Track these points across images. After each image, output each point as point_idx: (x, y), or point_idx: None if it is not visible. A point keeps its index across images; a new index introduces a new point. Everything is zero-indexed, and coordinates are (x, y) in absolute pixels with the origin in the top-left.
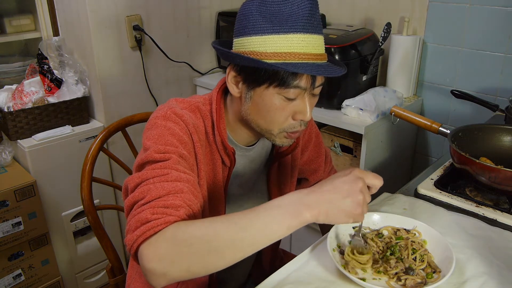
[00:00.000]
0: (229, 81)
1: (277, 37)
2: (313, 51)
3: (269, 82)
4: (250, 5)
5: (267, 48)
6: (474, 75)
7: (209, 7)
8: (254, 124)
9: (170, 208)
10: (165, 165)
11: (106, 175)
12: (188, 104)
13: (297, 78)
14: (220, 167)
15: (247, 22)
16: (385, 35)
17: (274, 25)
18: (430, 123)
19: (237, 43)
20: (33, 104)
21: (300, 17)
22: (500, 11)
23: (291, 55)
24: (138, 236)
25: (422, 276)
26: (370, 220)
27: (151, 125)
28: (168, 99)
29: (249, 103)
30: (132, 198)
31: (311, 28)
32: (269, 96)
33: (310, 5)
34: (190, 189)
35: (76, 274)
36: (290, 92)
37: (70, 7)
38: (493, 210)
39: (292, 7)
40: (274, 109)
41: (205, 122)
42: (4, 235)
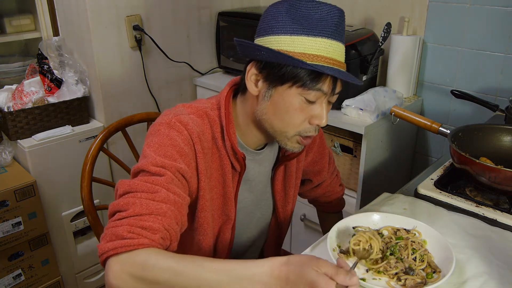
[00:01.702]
0: (249, 79)
1: (305, 39)
2: (338, 58)
3: (293, 81)
4: (279, 6)
5: (295, 48)
6: (474, 75)
7: (209, 7)
8: (268, 124)
9: (147, 230)
10: (157, 181)
11: (106, 175)
12: (195, 109)
13: (320, 81)
14: (230, 172)
15: (276, 22)
16: (385, 35)
17: (304, 27)
18: (430, 123)
19: (261, 42)
20: (33, 104)
21: (329, 23)
22: (500, 11)
23: (318, 58)
24: (110, 249)
25: (422, 276)
26: (370, 220)
27: (154, 131)
28: (168, 99)
29: (267, 102)
30: (117, 206)
31: (338, 35)
32: (291, 96)
33: (339, 14)
34: (174, 213)
35: (76, 274)
36: (311, 95)
37: (70, 7)
38: (493, 210)
39: (322, 13)
40: (293, 110)
41: (213, 128)
42: (4, 235)
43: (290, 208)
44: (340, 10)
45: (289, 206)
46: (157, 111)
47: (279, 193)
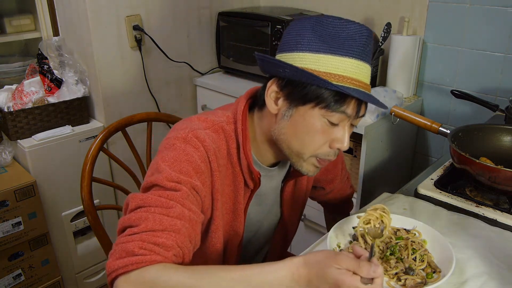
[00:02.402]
0: (268, 96)
1: (332, 58)
2: (364, 80)
3: (316, 102)
4: (305, 23)
5: (320, 67)
6: (474, 75)
7: (209, 7)
8: (286, 145)
9: (160, 247)
10: (172, 196)
11: (106, 175)
12: (211, 123)
13: (345, 103)
14: (242, 189)
15: (301, 38)
16: (385, 35)
17: (331, 46)
18: (430, 123)
19: (284, 58)
20: (33, 104)
21: (357, 43)
22: (500, 11)
23: (344, 79)
24: (120, 267)
25: (422, 276)
26: None
27: (169, 144)
28: (168, 99)
29: (286, 121)
30: (128, 221)
31: (365, 56)
32: (313, 117)
33: (367, 33)
34: (188, 231)
35: (76, 274)
36: (335, 117)
37: (70, 7)
38: (493, 210)
39: (349, 32)
40: (314, 132)
41: (229, 143)
42: (4, 235)
43: (298, 218)
44: (369, 30)
45: (297, 216)
46: (157, 111)
47: (287, 204)
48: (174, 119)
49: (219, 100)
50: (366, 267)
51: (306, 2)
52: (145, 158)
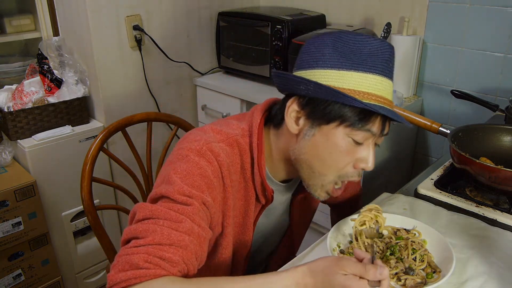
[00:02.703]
0: (288, 115)
1: (356, 75)
2: (388, 96)
3: (340, 120)
4: (324, 38)
5: (343, 84)
6: (474, 75)
7: (209, 7)
8: (306, 165)
9: (166, 262)
10: (183, 211)
11: (106, 175)
12: (225, 136)
13: (370, 121)
14: (253, 204)
15: (321, 55)
16: (385, 35)
17: (353, 62)
18: (430, 123)
19: (305, 75)
20: (33, 104)
21: (380, 59)
22: (500, 11)
23: (369, 96)
24: (122, 281)
25: (422, 276)
26: None
27: (182, 156)
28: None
29: (308, 141)
30: (134, 231)
31: (388, 72)
32: (337, 136)
33: (390, 49)
34: (195, 248)
35: (76, 274)
36: (360, 135)
37: (70, 7)
38: (493, 210)
39: (371, 48)
40: (338, 152)
41: (243, 157)
42: (4, 235)
43: (306, 227)
44: (391, 46)
45: (305, 225)
46: (157, 111)
47: (296, 215)
48: (174, 119)
49: (219, 100)
50: (372, 270)
51: (306, 2)
52: (145, 158)
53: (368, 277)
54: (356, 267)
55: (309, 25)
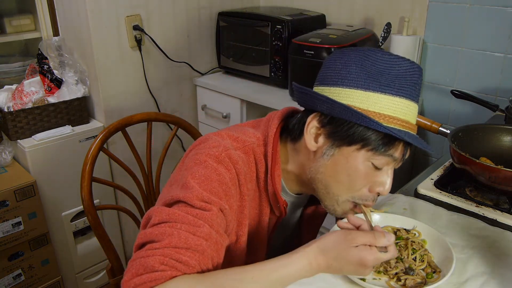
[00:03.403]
0: (308, 132)
1: (382, 97)
2: (412, 121)
3: (362, 144)
4: (351, 55)
5: (369, 106)
6: (474, 75)
7: (209, 7)
8: (322, 185)
9: (183, 265)
10: (201, 216)
11: (106, 175)
12: (242, 143)
13: (393, 147)
14: (268, 215)
15: (347, 72)
16: (385, 35)
17: (381, 84)
18: (430, 123)
19: (329, 92)
20: (33, 104)
21: (408, 81)
22: (500, 11)
23: (394, 120)
24: (137, 285)
25: (422, 276)
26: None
27: (200, 161)
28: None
29: (326, 161)
30: (150, 235)
31: (415, 96)
32: (357, 159)
33: (419, 72)
34: (212, 253)
35: (76, 274)
36: (381, 161)
37: (70, 7)
38: (493, 210)
39: (400, 70)
40: (356, 175)
41: (258, 166)
42: (4, 235)
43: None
44: (420, 68)
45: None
46: (157, 111)
47: (307, 226)
48: (174, 119)
49: (219, 100)
50: (381, 238)
51: (306, 2)
52: (145, 158)
53: (378, 244)
54: (365, 237)
55: (309, 25)
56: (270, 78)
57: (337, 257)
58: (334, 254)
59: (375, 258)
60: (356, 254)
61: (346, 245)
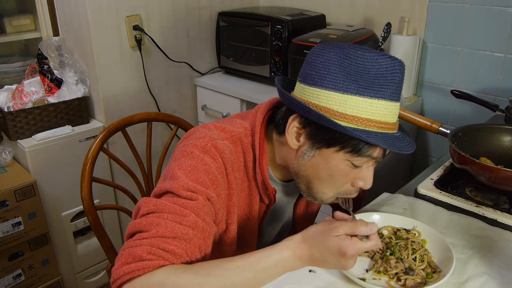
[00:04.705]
0: (289, 132)
1: (360, 100)
2: (392, 120)
3: (341, 146)
4: (332, 54)
5: (347, 110)
6: (474, 75)
7: (209, 7)
8: (306, 181)
9: (169, 254)
10: (187, 205)
11: (106, 175)
12: (229, 134)
13: (371, 148)
14: (257, 203)
15: (326, 72)
16: (385, 35)
17: (360, 86)
18: (430, 123)
19: (308, 92)
20: (33, 104)
21: (388, 81)
22: (500, 11)
23: (373, 123)
24: (125, 273)
25: (422, 276)
26: (370, 220)
27: (186, 152)
28: (168, 99)
29: (307, 161)
30: (138, 225)
31: (395, 95)
32: (336, 160)
33: (400, 69)
34: (199, 241)
35: (76, 274)
36: (360, 161)
37: (70, 7)
38: (493, 210)
39: (380, 69)
40: (338, 174)
41: (246, 156)
42: (4, 235)
43: None
44: (401, 64)
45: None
46: (157, 111)
47: (300, 217)
48: (174, 119)
49: (219, 100)
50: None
51: (306, 2)
52: (145, 158)
53: (360, 232)
54: (347, 226)
55: (309, 25)
56: (270, 78)
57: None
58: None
59: (355, 247)
60: (336, 243)
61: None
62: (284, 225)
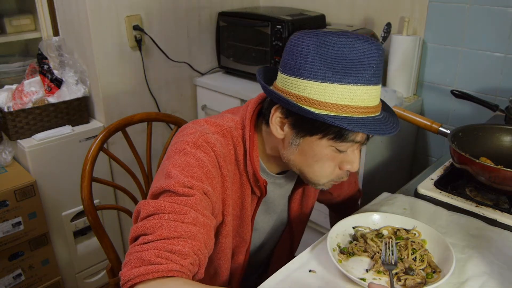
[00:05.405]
0: (273, 122)
1: (339, 87)
2: (373, 104)
3: (323, 133)
4: (308, 43)
5: (326, 98)
6: (474, 75)
7: (209, 7)
8: (297, 169)
9: (177, 255)
10: (186, 202)
11: (106, 175)
12: (220, 128)
13: (354, 133)
14: (249, 196)
15: (304, 62)
16: (385, 35)
17: (337, 73)
18: (430, 123)
19: (288, 82)
20: (33, 104)
21: (366, 66)
22: (500, 11)
23: (353, 109)
24: (136, 276)
25: (422, 276)
26: (370, 220)
27: (178, 149)
28: (168, 99)
29: (294, 150)
30: (141, 229)
31: (375, 79)
32: (321, 147)
33: (378, 53)
34: (203, 237)
35: (76, 274)
36: (344, 146)
37: (70, 7)
38: (493, 210)
39: (357, 54)
40: (324, 160)
41: (237, 149)
42: (4, 235)
43: (304, 224)
44: (379, 47)
45: (304, 223)
46: (157, 111)
47: (295, 212)
48: (174, 119)
49: (219, 100)
50: None
51: (306, 2)
52: (145, 158)
53: None
54: None
55: (309, 25)
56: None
57: None
58: None
59: None
60: None
61: None
62: (278, 219)
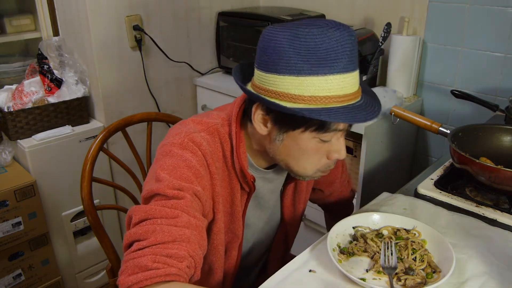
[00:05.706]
0: (255, 120)
1: (316, 79)
2: (352, 91)
3: (305, 127)
4: (281, 38)
5: (304, 92)
6: (474, 75)
7: (209, 7)
8: (284, 164)
9: (173, 259)
10: (176, 205)
11: (106, 175)
12: (206, 125)
13: (335, 123)
14: (239, 192)
15: (279, 58)
16: (385, 35)
17: (312, 66)
18: (430, 123)
19: (265, 79)
20: (33, 104)
21: (340, 55)
22: (500, 11)
23: (332, 99)
24: (134, 283)
25: (422, 276)
26: (370, 220)
27: (166, 152)
28: (168, 99)
29: (279, 145)
30: (134, 235)
31: (350, 65)
32: (305, 140)
33: (350, 40)
34: (197, 238)
35: (76, 274)
36: (327, 136)
37: (70, 7)
38: (493, 210)
39: (331, 42)
40: (310, 152)
41: (224, 146)
42: (4, 235)
43: (298, 221)
44: (351, 34)
45: (298, 219)
46: (157, 111)
47: (288, 208)
48: (174, 119)
49: (219, 100)
50: None
51: (306, 2)
52: (145, 158)
53: None
54: None
55: None
56: None
57: None
58: None
59: None
60: None
61: None
62: (272, 215)
